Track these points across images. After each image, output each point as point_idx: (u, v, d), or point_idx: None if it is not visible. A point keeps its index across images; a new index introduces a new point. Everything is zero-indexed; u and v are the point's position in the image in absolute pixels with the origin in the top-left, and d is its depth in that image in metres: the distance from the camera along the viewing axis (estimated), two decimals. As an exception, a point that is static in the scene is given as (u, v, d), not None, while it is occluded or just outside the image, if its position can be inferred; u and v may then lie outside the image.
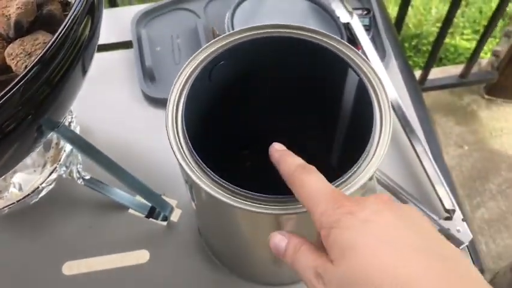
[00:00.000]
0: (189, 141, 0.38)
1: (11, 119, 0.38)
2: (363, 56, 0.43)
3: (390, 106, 0.41)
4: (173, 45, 0.70)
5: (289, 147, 0.52)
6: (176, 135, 0.39)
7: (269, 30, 0.45)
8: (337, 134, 0.53)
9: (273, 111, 0.53)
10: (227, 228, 0.46)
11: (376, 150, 0.38)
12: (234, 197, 0.35)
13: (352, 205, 0.28)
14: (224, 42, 0.45)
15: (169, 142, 0.38)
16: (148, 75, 0.67)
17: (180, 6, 0.74)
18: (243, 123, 0.53)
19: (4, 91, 0.35)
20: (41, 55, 0.37)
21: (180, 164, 0.38)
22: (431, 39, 1.50)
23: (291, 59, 0.46)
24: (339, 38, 0.44)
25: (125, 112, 0.65)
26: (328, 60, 0.44)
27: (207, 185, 0.36)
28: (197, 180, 0.36)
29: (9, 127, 0.39)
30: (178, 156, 0.38)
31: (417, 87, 0.68)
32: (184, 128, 0.39)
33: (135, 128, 0.63)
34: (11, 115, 0.38)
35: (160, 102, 0.65)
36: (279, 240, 0.32)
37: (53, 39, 0.37)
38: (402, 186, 0.57)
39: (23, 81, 0.36)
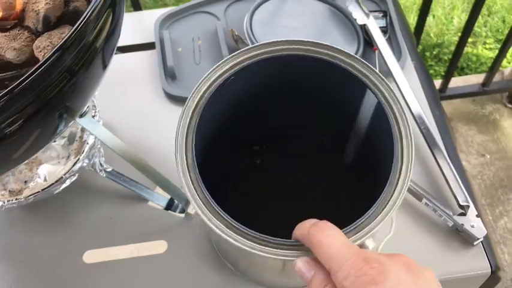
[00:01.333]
0: (202, 186, 0.39)
1: (33, 103, 0.40)
2: (380, 75, 0.43)
3: (412, 133, 0.40)
4: (194, 47, 0.72)
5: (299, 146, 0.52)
6: (189, 180, 0.39)
7: (278, 48, 0.45)
8: (349, 137, 0.54)
9: (282, 120, 0.54)
10: (239, 256, 0.47)
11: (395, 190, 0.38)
12: (246, 238, 0.36)
13: (375, 274, 0.29)
14: (232, 63, 0.44)
15: (183, 189, 0.39)
16: (169, 74, 0.69)
17: (200, 9, 0.76)
18: (255, 127, 0.55)
19: (26, 74, 0.37)
20: (61, 43, 0.39)
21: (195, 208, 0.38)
22: (453, 48, 1.49)
23: (302, 76, 0.47)
24: (355, 55, 0.44)
25: (147, 109, 0.67)
26: (344, 78, 0.44)
27: (221, 229, 0.37)
28: (213, 227, 0.37)
29: (32, 111, 0.41)
30: (193, 203, 0.38)
31: (433, 87, 0.69)
32: (198, 173, 0.39)
33: (156, 124, 0.65)
34: (33, 99, 0.40)
35: (180, 100, 0.67)
36: (306, 270, 0.33)
37: (73, 29, 0.39)
38: (417, 183, 0.57)
39: (44, 66, 0.38)
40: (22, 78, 0.37)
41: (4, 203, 0.54)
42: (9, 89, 0.37)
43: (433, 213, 0.56)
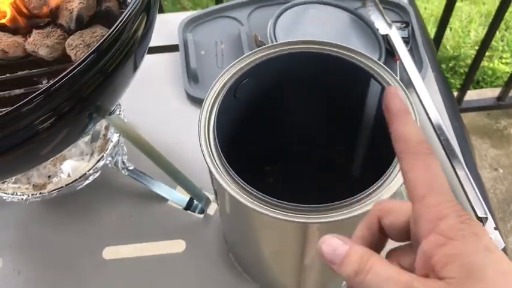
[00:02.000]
0: (220, 151, 0.41)
1: (67, 101, 0.41)
2: (384, 66, 0.45)
3: (417, 118, 0.42)
4: (217, 50, 0.73)
5: (310, 159, 0.52)
6: (208, 145, 0.41)
7: (290, 47, 0.47)
8: (361, 145, 0.55)
9: (297, 125, 0.55)
10: (253, 238, 0.48)
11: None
12: (263, 205, 0.37)
13: (475, 224, 0.25)
14: (248, 61, 0.47)
15: (202, 152, 0.40)
16: (192, 76, 0.70)
17: (224, 14, 0.77)
18: (267, 140, 0.55)
19: (62, 74, 0.38)
20: (98, 44, 0.40)
21: (211, 172, 0.40)
22: (469, 61, 1.49)
23: (312, 73, 0.48)
24: (361, 51, 0.46)
25: (169, 110, 0.68)
26: (351, 71, 0.46)
27: (237, 193, 0.38)
28: (229, 189, 0.38)
29: (65, 109, 0.41)
30: (210, 165, 0.40)
31: (452, 98, 0.70)
32: (216, 139, 0.41)
33: (177, 125, 0.66)
34: (68, 98, 0.41)
35: (201, 102, 0.68)
36: (338, 245, 0.27)
37: (111, 30, 0.40)
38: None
39: (80, 66, 0.39)
40: (59, 78, 0.38)
41: (28, 196, 0.55)
42: (46, 87, 0.38)
43: (450, 224, 0.56)
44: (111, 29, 0.40)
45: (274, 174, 0.61)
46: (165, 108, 0.69)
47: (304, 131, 0.55)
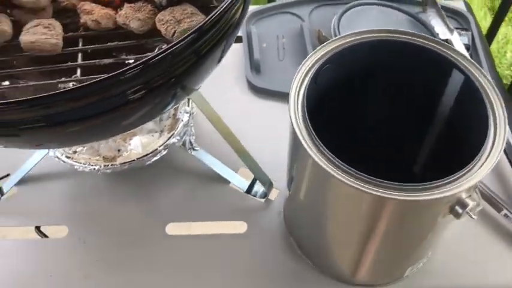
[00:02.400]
0: (310, 126, 0.42)
1: (160, 75, 0.42)
2: (469, 57, 0.46)
3: (504, 110, 0.43)
4: (278, 44, 0.75)
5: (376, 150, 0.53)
6: (297, 119, 0.43)
7: (374, 35, 0.49)
8: (432, 137, 0.55)
9: (369, 115, 0.56)
10: (324, 217, 0.49)
11: (490, 153, 0.41)
12: (344, 174, 0.39)
13: None
14: (333, 46, 0.48)
15: (292, 126, 0.42)
16: (255, 67, 0.71)
17: (286, 10, 0.79)
18: (339, 129, 0.56)
19: (161, 50, 0.39)
20: (201, 24, 0.41)
21: (299, 144, 0.41)
22: (505, 82, 1.50)
23: (392, 62, 0.49)
24: (443, 42, 0.47)
25: (230, 97, 0.70)
26: (433, 61, 0.47)
27: (328, 167, 0.40)
28: (320, 162, 0.40)
29: (156, 83, 0.43)
30: (300, 137, 0.41)
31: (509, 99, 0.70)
32: (306, 114, 0.43)
33: (238, 112, 0.67)
34: (162, 72, 0.42)
35: (262, 92, 0.70)
36: None
37: (214, 12, 0.42)
38: (497, 194, 0.58)
39: (179, 44, 0.40)
40: (159, 52, 0.39)
41: (100, 167, 0.57)
42: (144, 59, 0.39)
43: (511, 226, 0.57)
44: (215, 11, 0.42)
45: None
46: (226, 96, 0.70)
47: (376, 122, 0.56)
